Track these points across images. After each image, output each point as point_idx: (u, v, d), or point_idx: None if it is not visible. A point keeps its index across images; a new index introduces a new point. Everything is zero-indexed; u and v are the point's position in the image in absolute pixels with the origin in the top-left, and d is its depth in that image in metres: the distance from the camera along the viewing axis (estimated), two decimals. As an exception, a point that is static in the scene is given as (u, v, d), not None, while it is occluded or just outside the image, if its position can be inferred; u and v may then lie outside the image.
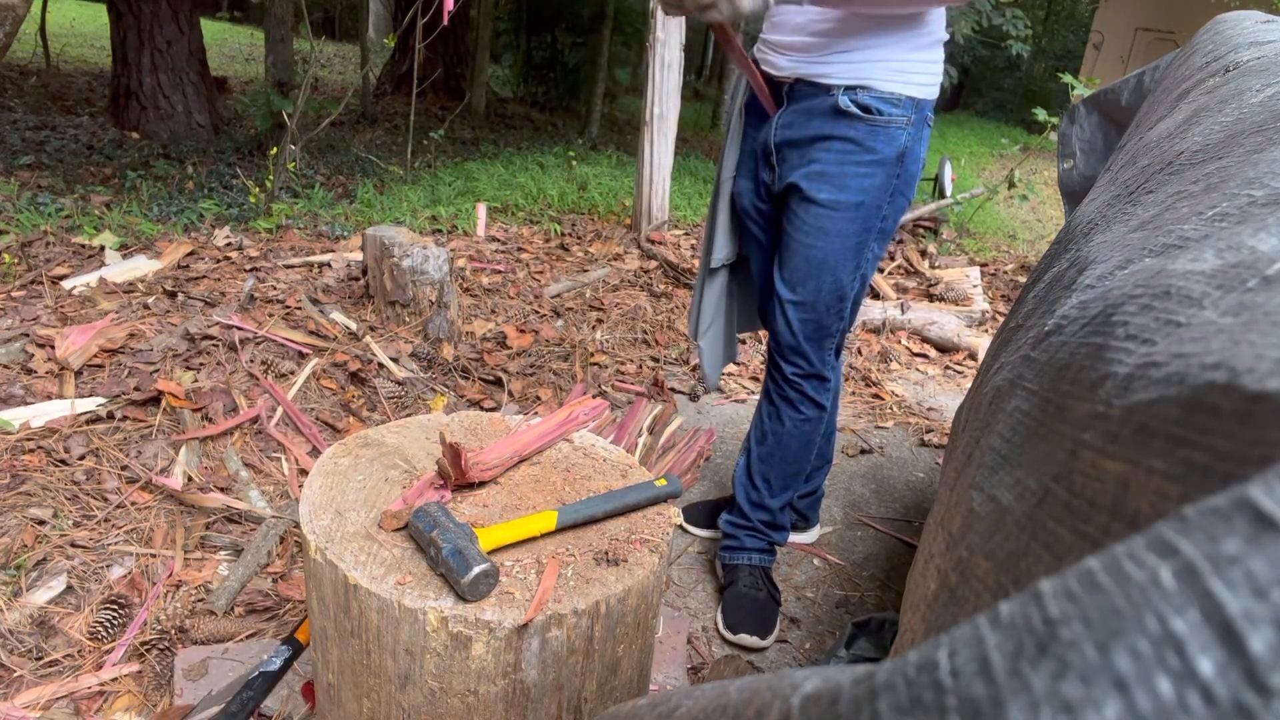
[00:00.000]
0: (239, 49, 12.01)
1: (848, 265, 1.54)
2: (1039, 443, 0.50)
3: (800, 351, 1.62)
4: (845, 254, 1.52)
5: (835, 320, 1.60)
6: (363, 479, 1.02)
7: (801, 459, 1.72)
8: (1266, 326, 0.35)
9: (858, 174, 1.47)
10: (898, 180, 1.49)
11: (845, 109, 1.44)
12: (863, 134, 1.45)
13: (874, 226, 1.52)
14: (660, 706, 0.43)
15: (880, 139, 1.45)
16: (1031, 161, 9.32)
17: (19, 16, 2.98)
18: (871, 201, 1.49)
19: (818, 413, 1.67)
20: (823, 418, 1.69)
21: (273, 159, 3.93)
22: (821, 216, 1.50)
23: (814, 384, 1.65)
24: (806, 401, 1.66)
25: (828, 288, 1.55)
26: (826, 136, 1.47)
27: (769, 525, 1.77)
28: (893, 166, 1.47)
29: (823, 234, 1.51)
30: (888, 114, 1.43)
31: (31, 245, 2.96)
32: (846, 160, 1.47)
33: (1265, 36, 1.19)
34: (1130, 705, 0.20)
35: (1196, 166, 0.76)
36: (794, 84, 1.50)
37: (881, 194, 1.49)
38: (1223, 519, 0.22)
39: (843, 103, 1.43)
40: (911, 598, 0.69)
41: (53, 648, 1.42)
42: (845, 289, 1.56)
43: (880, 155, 1.46)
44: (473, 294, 3.23)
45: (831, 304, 1.57)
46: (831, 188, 1.48)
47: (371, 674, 0.88)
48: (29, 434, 1.87)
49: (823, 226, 1.51)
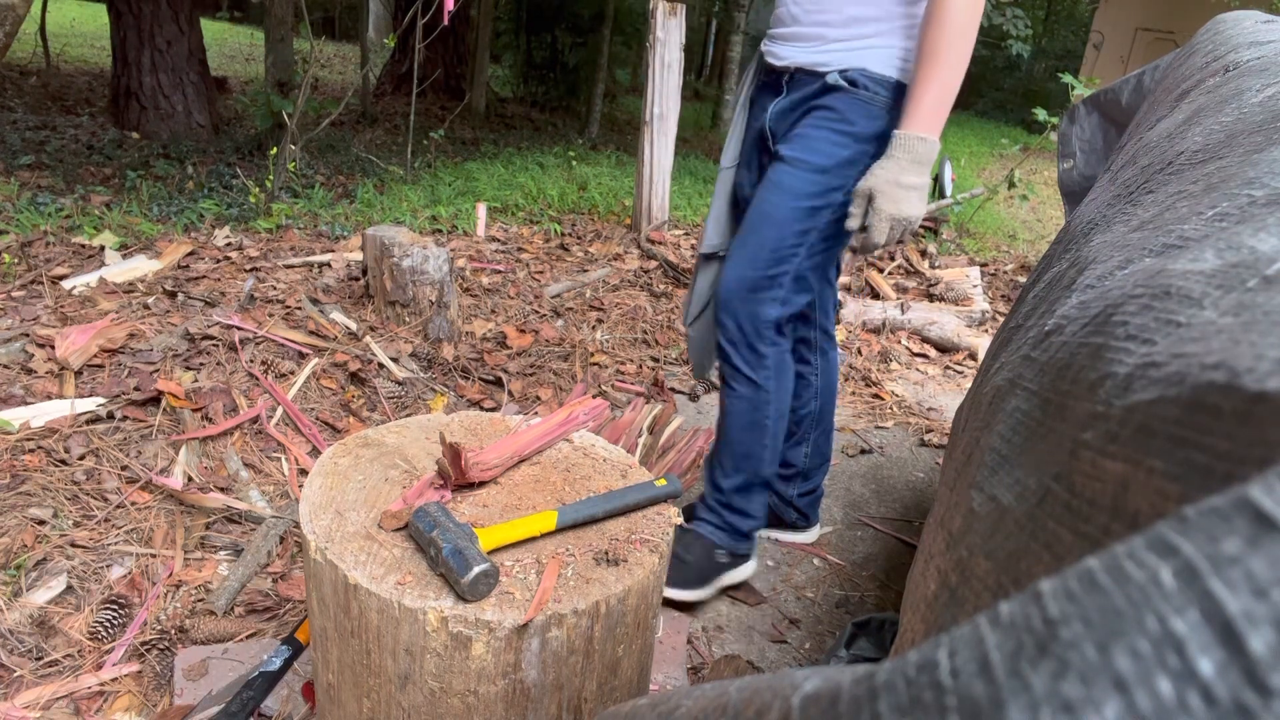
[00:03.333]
0: (239, 49, 12.01)
1: (794, 226, 1.50)
2: (1039, 443, 0.50)
3: (730, 311, 1.57)
4: (792, 213, 1.50)
5: (771, 286, 1.54)
6: (363, 479, 1.02)
7: (744, 441, 1.66)
8: (1266, 326, 0.35)
9: (828, 139, 1.47)
10: (869, 161, 1.46)
11: (833, 84, 1.46)
12: (843, 104, 1.46)
13: (832, 201, 1.49)
14: (660, 706, 0.43)
15: (859, 112, 1.45)
16: (1031, 161, 9.32)
17: (19, 16, 2.98)
18: (835, 170, 1.47)
19: (751, 390, 1.61)
20: (760, 398, 1.62)
21: (273, 159, 3.93)
22: (780, 171, 1.51)
23: (743, 354, 1.60)
24: (737, 375, 1.61)
25: (769, 243, 1.52)
26: (811, 109, 1.50)
27: (723, 505, 1.72)
28: (866, 144, 1.46)
29: (777, 188, 1.51)
30: (872, 90, 1.44)
31: (31, 245, 2.96)
32: (820, 125, 1.48)
33: (1265, 36, 1.19)
34: (1130, 705, 0.20)
35: (1196, 166, 0.76)
36: (794, 73, 1.53)
37: (848, 168, 1.47)
38: (1223, 519, 0.22)
39: (831, 79, 1.46)
40: (911, 598, 0.69)
41: (53, 648, 1.42)
42: (784, 251, 1.52)
43: (856, 128, 1.45)
44: (473, 294, 3.23)
45: (770, 263, 1.53)
46: (799, 147, 1.49)
47: (371, 674, 0.88)
48: (29, 434, 1.87)
49: (779, 181, 1.51)
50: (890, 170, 1.39)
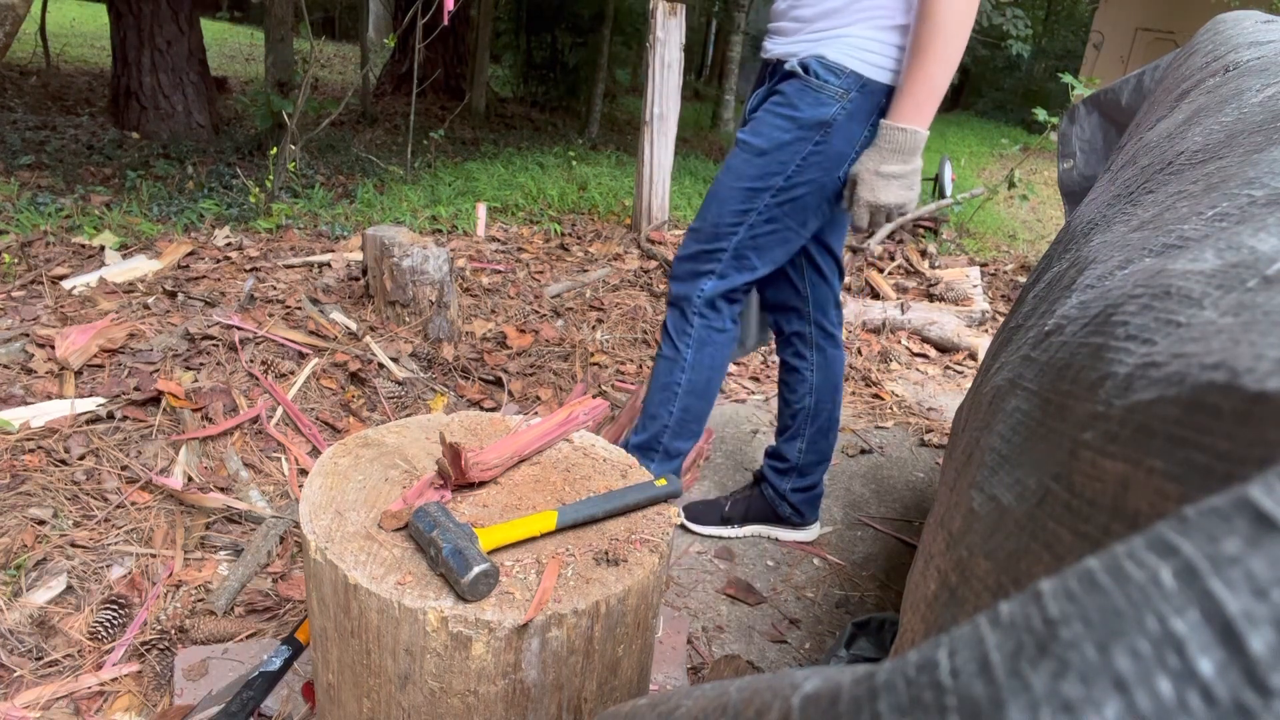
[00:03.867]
0: (239, 49, 12.01)
1: (732, 205, 1.55)
2: (1039, 443, 0.50)
3: (676, 275, 1.65)
4: (734, 193, 1.55)
5: (709, 260, 1.60)
6: (363, 479, 1.02)
7: (655, 401, 1.71)
8: (1266, 326, 0.35)
9: (772, 125, 1.50)
10: (814, 149, 1.48)
11: (790, 69, 1.49)
12: (792, 90, 1.48)
13: (772, 183, 1.52)
14: (660, 706, 0.43)
15: (805, 98, 1.47)
16: (1031, 161, 9.32)
17: (19, 16, 2.98)
18: (773, 152, 1.50)
19: (672, 352, 1.68)
20: (677, 362, 1.68)
21: (273, 159, 3.93)
22: (732, 152, 1.58)
23: (675, 318, 1.67)
24: (666, 335, 1.69)
25: (710, 219, 1.58)
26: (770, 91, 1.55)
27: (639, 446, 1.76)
28: (809, 130, 1.47)
29: (725, 169, 1.58)
30: (822, 78, 1.45)
31: (31, 245, 2.96)
32: (770, 109, 1.52)
33: (1265, 36, 1.19)
34: (1130, 705, 0.20)
35: (1196, 166, 0.76)
36: (775, 64, 1.57)
37: (789, 153, 1.49)
38: (1223, 519, 0.22)
39: (789, 64, 1.49)
40: (911, 598, 0.69)
41: (53, 648, 1.42)
42: (724, 229, 1.57)
43: (799, 114, 1.47)
44: (473, 294, 3.23)
45: (710, 238, 1.59)
46: (749, 130, 1.54)
47: (371, 674, 0.88)
48: (29, 434, 1.87)
49: (728, 162, 1.57)
50: (871, 159, 1.43)
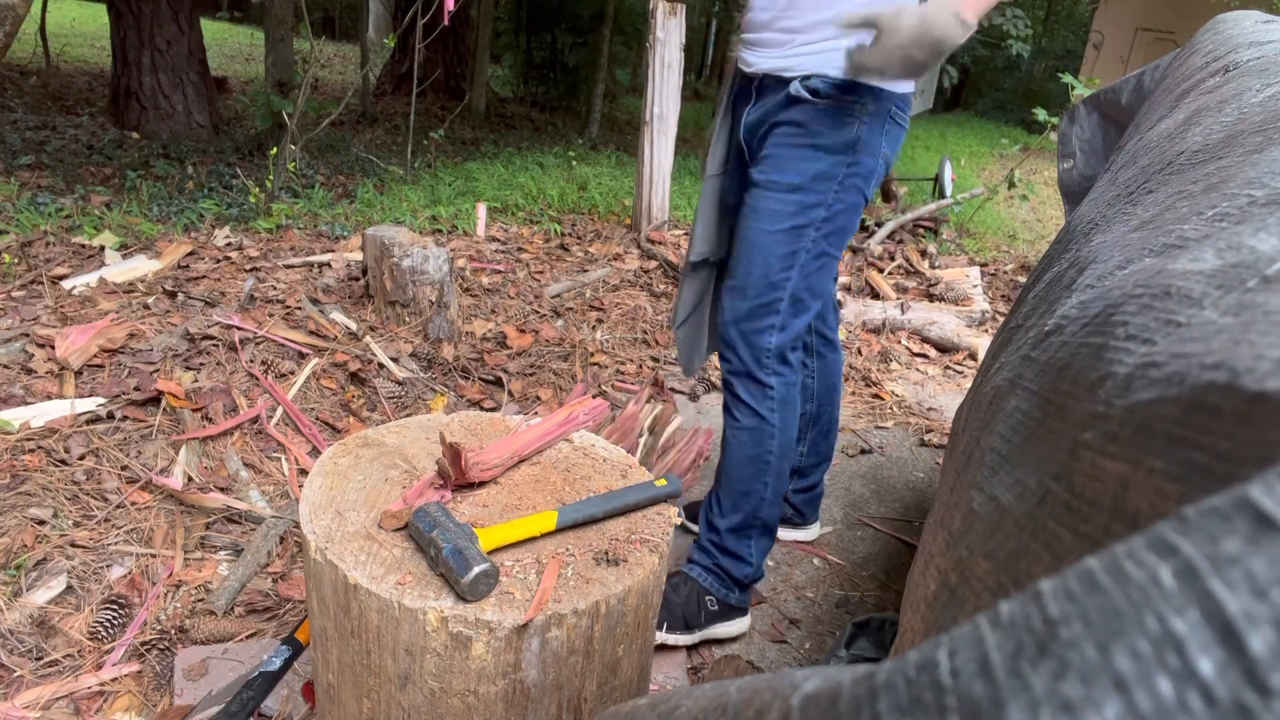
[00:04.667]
0: (239, 49, 12.00)
1: (778, 251, 1.46)
2: (1039, 442, 0.50)
3: (730, 343, 1.54)
4: (776, 238, 1.46)
5: (766, 314, 1.50)
6: (363, 479, 1.02)
7: (744, 477, 1.58)
8: (1266, 326, 0.35)
9: (798, 157, 1.42)
10: (848, 171, 1.42)
11: (797, 95, 1.40)
12: (808, 116, 1.41)
13: (814, 216, 1.44)
14: (660, 706, 0.43)
15: (825, 122, 1.40)
16: (1031, 161, 9.32)
17: (19, 16, 2.98)
18: (811, 187, 1.42)
19: (755, 421, 1.55)
20: (764, 430, 1.55)
21: (273, 159, 3.93)
22: (757, 196, 1.47)
23: (747, 385, 1.55)
24: (740, 405, 1.56)
25: (757, 272, 1.48)
26: (776, 123, 1.45)
27: (716, 546, 1.63)
28: (842, 155, 1.41)
29: (755, 213, 1.47)
30: (838, 99, 1.38)
31: (31, 245, 2.96)
32: (787, 142, 1.43)
33: (1265, 36, 1.19)
34: (1130, 705, 0.20)
35: (1196, 166, 0.76)
36: (762, 79, 1.48)
37: (825, 182, 1.42)
38: (1223, 519, 0.22)
39: (794, 89, 1.40)
40: (911, 598, 0.69)
41: (53, 648, 1.42)
42: (776, 277, 1.48)
43: (825, 140, 1.40)
44: (473, 294, 3.23)
45: (761, 291, 1.49)
46: (771, 168, 1.45)
47: (371, 674, 0.88)
48: (29, 434, 1.87)
49: (756, 206, 1.47)
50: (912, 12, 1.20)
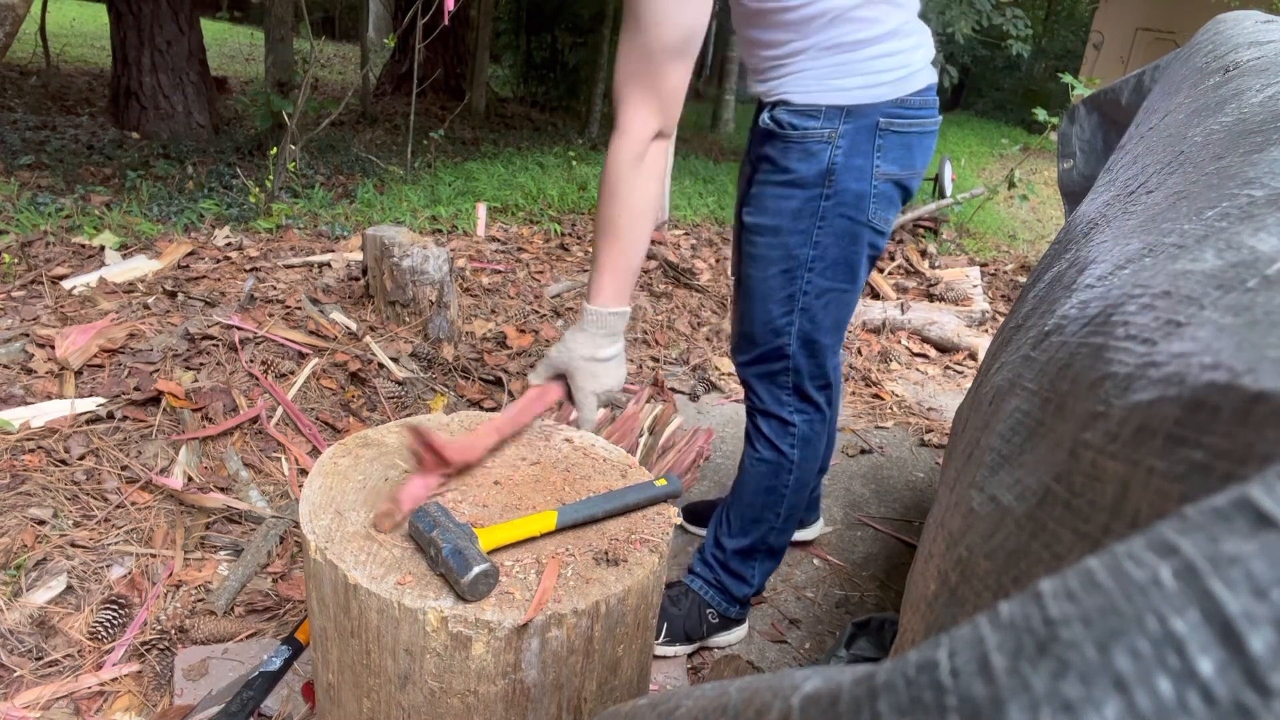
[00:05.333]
0: (239, 49, 12.00)
1: (775, 296, 1.41)
2: (1039, 442, 0.50)
3: (749, 385, 1.51)
4: (770, 284, 1.40)
5: (775, 358, 1.46)
6: (363, 479, 1.02)
7: (758, 505, 1.58)
8: (1266, 326, 0.35)
9: (773, 195, 1.36)
10: (827, 203, 1.33)
11: (766, 127, 1.34)
12: (777, 152, 1.34)
13: (802, 257, 1.37)
14: (660, 706, 0.43)
15: (794, 157, 1.32)
16: (1031, 161, 9.31)
17: (19, 16, 2.98)
18: (789, 227, 1.36)
19: (775, 456, 1.53)
20: (784, 465, 1.54)
21: (273, 159, 3.93)
22: (747, 241, 1.42)
23: (769, 423, 1.52)
24: (762, 439, 1.54)
25: (759, 319, 1.43)
26: (755, 158, 1.40)
27: (720, 564, 1.63)
28: (815, 188, 1.33)
29: (750, 260, 1.42)
30: (801, 128, 1.31)
31: (31, 245, 2.96)
32: (764, 181, 1.38)
33: (1265, 36, 1.19)
34: (1130, 705, 0.20)
35: (1196, 166, 0.76)
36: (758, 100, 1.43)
37: (803, 220, 1.35)
38: (1223, 519, 0.22)
39: (763, 121, 1.35)
40: (911, 598, 0.69)
41: (53, 648, 1.42)
42: (777, 323, 1.42)
43: (795, 174, 1.33)
44: (473, 294, 3.23)
45: (765, 337, 1.44)
46: (755, 210, 1.39)
47: (371, 674, 0.88)
48: (29, 434, 1.87)
49: (749, 252, 1.42)
50: (584, 346, 1.22)
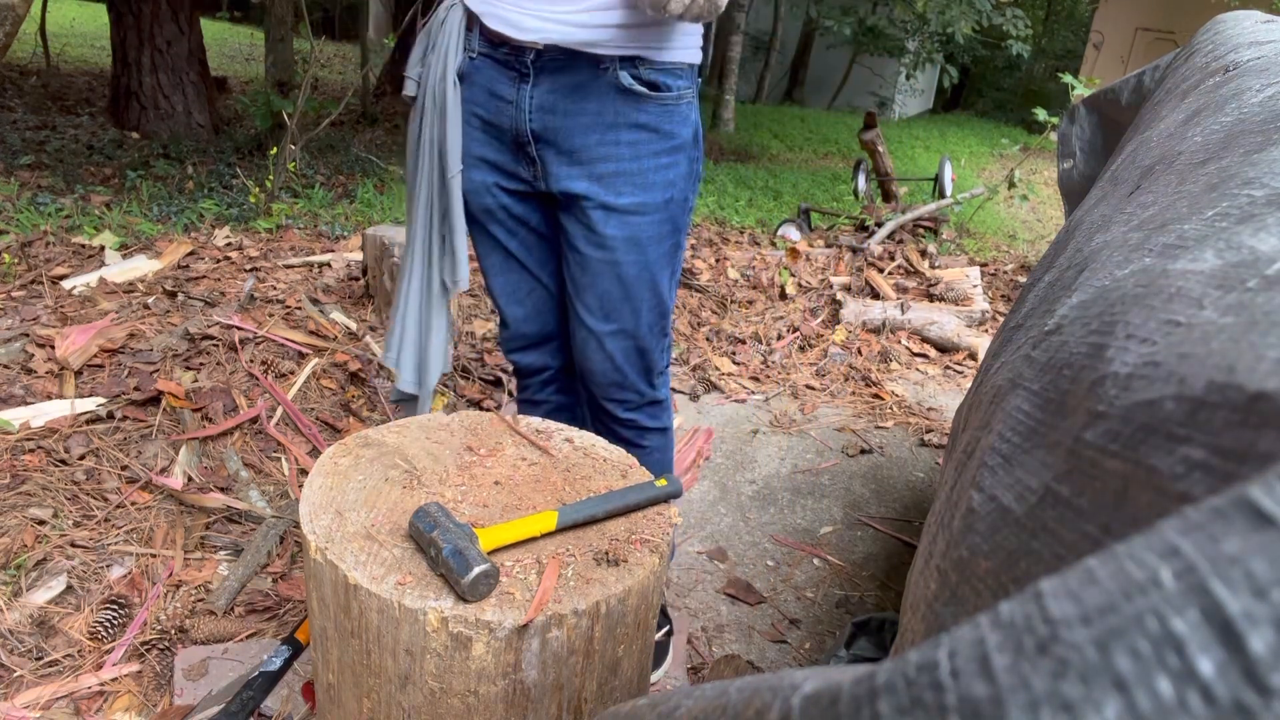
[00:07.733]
0: (239, 49, 12.00)
1: (664, 275, 1.33)
2: (1039, 442, 0.50)
3: (627, 385, 1.39)
4: (661, 263, 1.32)
5: (659, 338, 1.39)
6: (363, 479, 1.02)
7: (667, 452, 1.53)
8: (1266, 326, 0.35)
9: (659, 166, 1.25)
10: (696, 165, 1.31)
11: (629, 88, 1.19)
12: (657, 117, 1.23)
13: (683, 224, 1.33)
14: (660, 706, 0.43)
15: (676, 120, 1.25)
16: (1031, 161, 9.32)
17: (19, 16, 2.98)
18: (679, 195, 1.30)
19: (661, 439, 1.48)
20: (668, 440, 1.49)
21: (273, 159, 3.93)
22: (630, 225, 1.27)
23: (650, 411, 1.44)
24: (647, 434, 1.45)
25: (648, 307, 1.33)
26: (614, 125, 1.22)
27: None
28: (690, 150, 1.29)
29: (635, 246, 1.28)
30: (676, 89, 1.23)
31: (31, 245, 2.96)
32: (645, 152, 1.24)
33: (1265, 36, 1.19)
34: (1130, 705, 0.20)
35: (1196, 166, 0.76)
36: (542, 51, 1.19)
37: (687, 184, 1.30)
38: (1223, 519, 0.22)
39: (625, 81, 1.19)
40: (911, 598, 0.69)
41: (53, 648, 1.42)
42: (666, 302, 1.36)
43: (679, 139, 1.26)
44: (472, 293, 3.23)
45: (654, 323, 1.37)
46: (634, 188, 1.25)
47: (371, 674, 0.88)
48: (29, 434, 1.87)
49: (633, 236, 1.27)
50: None
